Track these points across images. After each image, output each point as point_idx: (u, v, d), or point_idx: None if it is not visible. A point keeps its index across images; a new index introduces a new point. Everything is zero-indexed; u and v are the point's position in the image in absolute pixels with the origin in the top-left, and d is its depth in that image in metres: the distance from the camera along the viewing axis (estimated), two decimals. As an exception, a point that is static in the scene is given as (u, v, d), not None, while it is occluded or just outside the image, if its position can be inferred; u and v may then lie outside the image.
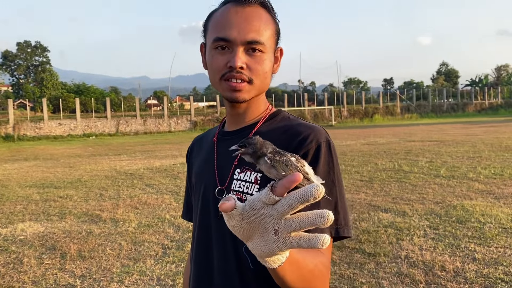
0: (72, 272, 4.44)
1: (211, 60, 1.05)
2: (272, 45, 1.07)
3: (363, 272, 4.09)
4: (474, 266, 4.10)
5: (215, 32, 1.03)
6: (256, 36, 1.01)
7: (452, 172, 9.50)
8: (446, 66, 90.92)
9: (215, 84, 1.07)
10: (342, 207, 0.97)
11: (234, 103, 1.08)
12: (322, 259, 0.88)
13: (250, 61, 1.02)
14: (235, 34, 1.00)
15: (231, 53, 1.01)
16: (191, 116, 39.85)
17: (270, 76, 1.09)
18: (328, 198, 0.76)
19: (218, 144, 1.14)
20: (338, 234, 0.94)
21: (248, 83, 1.03)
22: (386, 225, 5.58)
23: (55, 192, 9.13)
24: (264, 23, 1.03)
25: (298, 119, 1.11)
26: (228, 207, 0.66)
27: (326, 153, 0.99)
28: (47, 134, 34.11)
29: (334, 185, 0.97)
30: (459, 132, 22.97)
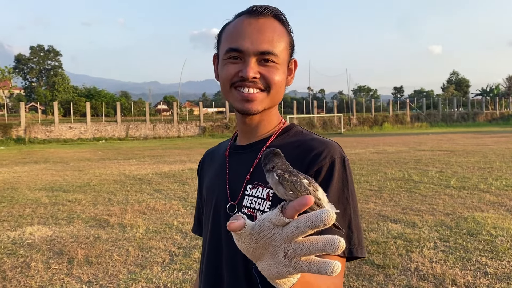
0: (79, 278, 4.43)
1: (223, 70, 1.03)
2: (286, 57, 1.05)
3: (371, 284, 4.03)
4: (486, 281, 4.02)
5: (228, 43, 1.01)
6: (269, 47, 0.99)
7: (463, 183, 9.39)
8: (456, 75, 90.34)
9: (226, 94, 1.05)
10: (356, 226, 0.94)
11: (246, 115, 1.05)
12: (335, 280, 0.85)
13: (263, 70, 1.00)
14: (248, 44, 0.98)
15: (243, 64, 0.99)
16: (200, 121, 39.98)
17: (284, 88, 1.06)
18: (341, 229, 0.73)
19: (229, 158, 1.12)
20: (351, 255, 0.92)
21: (262, 91, 1.01)
22: (396, 236, 5.51)
23: (64, 196, 9.17)
24: (278, 35, 1.02)
25: (311, 134, 1.09)
26: (236, 227, 0.64)
27: (340, 169, 0.97)
28: (58, 137, 34.42)
29: (348, 203, 0.95)
30: (470, 142, 22.75)
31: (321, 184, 0.94)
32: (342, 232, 0.90)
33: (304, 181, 0.68)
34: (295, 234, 0.60)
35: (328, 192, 0.94)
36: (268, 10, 1.02)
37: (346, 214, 0.94)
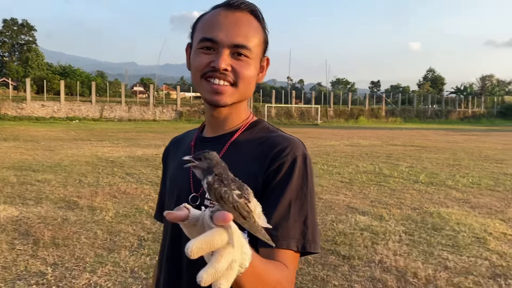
0: (44, 259, 4.37)
1: (195, 59, 1.03)
2: (259, 53, 1.05)
3: (336, 274, 4.12)
4: (446, 275, 4.16)
5: (203, 32, 1.01)
6: (243, 41, 0.99)
7: (431, 179, 9.64)
8: (432, 73, 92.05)
9: (196, 84, 1.05)
10: (312, 223, 0.96)
11: (215, 107, 1.06)
12: (286, 273, 0.88)
13: (236, 64, 1.00)
14: (223, 36, 0.98)
15: (216, 54, 0.99)
16: (177, 105, 39.60)
17: (254, 83, 1.07)
18: (270, 243, 0.74)
19: (195, 149, 1.12)
20: (304, 249, 0.94)
21: (232, 85, 1.01)
22: (363, 228, 5.63)
23: (33, 176, 8.98)
24: (253, 30, 1.02)
25: (277, 130, 1.10)
26: (173, 218, 0.66)
27: (302, 167, 0.99)
28: (29, 115, 33.55)
29: (306, 200, 0.97)
30: (441, 138, 23.29)
31: (281, 179, 0.96)
32: (301, 215, 0.93)
33: (235, 193, 0.68)
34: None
35: (287, 188, 0.96)
36: (245, 4, 1.02)
37: (303, 210, 0.96)
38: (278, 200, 0.94)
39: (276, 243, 0.90)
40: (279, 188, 0.96)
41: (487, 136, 25.69)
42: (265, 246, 0.91)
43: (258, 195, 0.96)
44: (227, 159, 1.03)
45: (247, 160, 1.02)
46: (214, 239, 0.61)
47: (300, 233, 0.94)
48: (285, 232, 0.92)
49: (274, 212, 0.93)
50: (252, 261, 0.70)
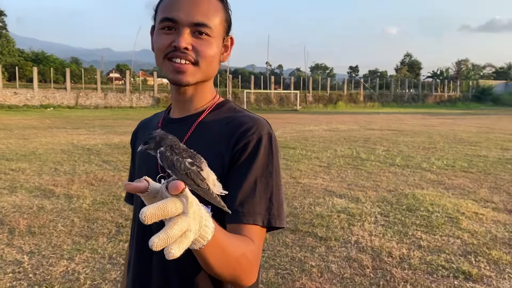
0: (20, 248, 4.32)
1: (157, 40, 1.03)
2: (221, 32, 1.05)
3: (313, 255, 4.19)
4: (419, 253, 4.28)
5: (163, 12, 1.02)
6: (203, 19, 1.00)
7: (407, 162, 9.83)
8: (410, 57, 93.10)
9: (159, 65, 1.05)
10: (277, 199, 0.99)
11: (180, 87, 1.06)
12: (252, 247, 0.90)
13: (197, 43, 1.01)
14: (182, 15, 0.99)
15: (177, 34, 1.00)
16: (154, 92, 39.14)
17: (218, 62, 1.08)
18: (227, 210, 0.76)
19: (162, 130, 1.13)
20: (270, 224, 0.96)
21: (193, 64, 1.02)
22: (340, 210, 5.73)
23: (6, 164, 8.80)
24: (213, 9, 1.03)
25: (243, 110, 1.12)
26: (131, 188, 0.69)
27: (267, 145, 1.00)
28: (1, 103, 32.66)
29: (271, 177, 0.99)
30: (418, 122, 23.69)
31: (247, 157, 0.98)
32: (266, 191, 0.97)
33: (187, 160, 0.70)
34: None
35: (253, 166, 0.97)
36: None
37: (269, 187, 0.98)
38: (244, 178, 0.96)
39: (243, 219, 0.92)
40: (245, 166, 0.98)
41: (462, 120, 26.24)
42: (232, 222, 0.93)
43: (225, 174, 0.98)
44: (194, 139, 1.05)
45: (214, 140, 1.03)
46: (168, 206, 0.63)
47: (266, 209, 0.96)
48: (251, 208, 0.94)
49: (240, 189, 0.95)
50: (215, 234, 0.72)
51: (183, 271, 1.00)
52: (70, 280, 3.64)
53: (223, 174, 0.98)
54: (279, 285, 3.59)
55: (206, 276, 0.98)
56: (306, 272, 3.82)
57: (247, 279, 0.89)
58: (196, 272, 0.98)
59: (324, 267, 3.92)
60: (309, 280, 3.67)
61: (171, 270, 1.01)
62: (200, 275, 0.98)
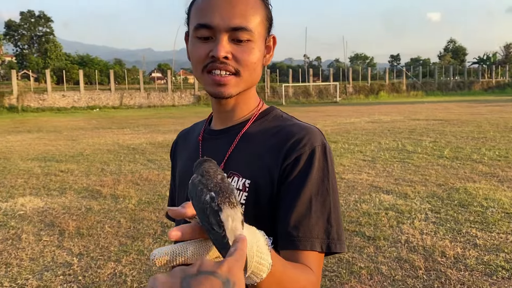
0: (70, 250, 4.43)
1: (193, 50, 0.94)
2: (262, 33, 0.94)
3: (362, 256, 4.05)
4: (475, 253, 4.05)
5: (197, 18, 0.91)
6: (242, 22, 0.89)
7: (456, 153, 9.40)
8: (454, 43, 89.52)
9: (198, 78, 0.96)
10: (336, 220, 0.88)
11: (220, 99, 0.97)
12: (311, 277, 0.81)
13: (237, 50, 0.90)
14: (218, 20, 0.88)
15: (214, 42, 0.90)
16: (195, 90, 39.64)
17: (261, 67, 0.97)
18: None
19: (203, 143, 1.05)
20: (329, 250, 0.86)
21: (234, 75, 0.92)
22: (387, 208, 5.52)
23: (56, 166, 9.12)
24: (252, 7, 0.91)
25: (292, 118, 1.01)
26: (175, 215, 0.64)
27: (321, 158, 0.90)
28: (51, 106, 34.10)
29: (328, 194, 0.89)
30: (464, 111, 22.73)
31: (299, 173, 0.88)
32: (324, 211, 0.88)
33: (210, 194, 0.60)
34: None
35: (306, 182, 0.87)
36: None
37: (326, 206, 0.88)
38: (298, 197, 0.86)
39: (299, 245, 0.83)
40: (297, 183, 0.88)
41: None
42: (286, 248, 0.84)
43: (275, 192, 0.89)
44: (238, 152, 0.96)
45: (260, 153, 0.94)
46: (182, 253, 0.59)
47: (324, 232, 0.86)
48: (307, 231, 0.85)
49: (294, 210, 0.86)
50: (272, 270, 0.64)
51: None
52: (118, 282, 3.68)
53: (272, 190, 0.89)
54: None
55: None
56: (354, 274, 3.69)
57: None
58: None
59: (374, 269, 3.77)
60: (358, 282, 3.54)
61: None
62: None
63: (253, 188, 0.90)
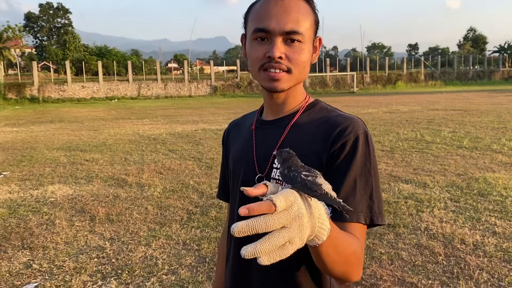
0: (102, 235, 4.65)
1: (251, 51, 1.08)
2: (311, 35, 1.09)
3: (382, 242, 4.18)
4: (494, 240, 4.14)
5: (255, 23, 1.06)
6: (294, 27, 1.03)
7: (475, 143, 9.40)
8: (473, 32, 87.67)
9: (254, 75, 1.11)
10: (377, 197, 1.02)
11: (273, 93, 1.12)
12: (359, 244, 0.95)
13: (289, 51, 1.04)
14: (274, 24, 1.02)
15: (270, 44, 1.04)
16: (212, 80, 39.81)
17: (309, 65, 1.12)
18: (346, 210, 0.78)
19: (256, 132, 1.19)
20: (372, 222, 1.00)
21: (287, 72, 1.06)
22: (407, 197, 5.62)
23: (81, 155, 9.40)
24: (303, 14, 1.05)
25: (336, 109, 1.15)
26: (253, 193, 0.72)
27: (364, 144, 1.04)
28: (71, 97, 34.70)
29: (370, 175, 1.03)
30: (484, 101, 22.46)
31: (345, 157, 1.03)
32: (366, 189, 1.02)
33: (303, 173, 0.76)
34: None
35: (351, 165, 1.01)
36: None
37: (368, 186, 1.02)
38: (344, 178, 1.00)
39: (346, 218, 0.97)
40: (344, 166, 1.02)
41: (534, 96, 24.55)
42: (336, 220, 0.98)
43: (324, 173, 1.03)
44: (290, 140, 1.10)
45: (310, 140, 1.08)
46: (258, 223, 0.67)
47: (367, 207, 1.00)
48: (353, 206, 0.98)
49: (341, 189, 1.00)
50: (331, 235, 0.77)
51: (285, 272, 1.06)
52: (149, 265, 3.88)
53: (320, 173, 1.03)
54: (349, 271, 3.62)
55: (307, 276, 1.04)
56: (375, 259, 3.83)
57: (355, 275, 0.94)
58: (298, 273, 1.05)
59: (394, 254, 3.90)
60: (379, 267, 3.67)
61: (272, 272, 1.07)
62: (302, 276, 1.05)
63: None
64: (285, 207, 0.69)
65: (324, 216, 0.76)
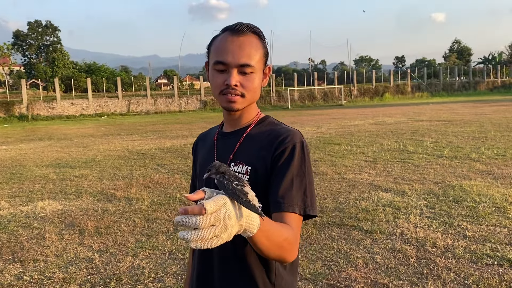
0: (91, 247, 4.81)
1: (213, 78, 1.34)
2: (261, 66, 1.35)
3: (359, 247, 4.40)
4: (464, 243, 4.38)
5: (216, 56, 1.31)
6: (247, 60, 1.28)
7: (456, 153, 9.71)
8: (458, 44, 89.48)
9: (215, 97, 1.37)
10: (310, 193, 1.27)
11: (230, 111, 1.37)
12: (291, 232, 1.17)
13: (243, 79, 1.30)
14: (231, 59, 1.28)
15: (227, 74, 1.29)
16: (201, 95, 40.10)
17: (260, 89, 1.38)
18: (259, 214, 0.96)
19: (217, 142, 1.45)
20: (305, 213, 1.24)
21: (241, 96, 1.32)
22: (385, 204, 5.86)
23: (70, 172, 9.54)
24: (255, 49, 1.31)
25: (281, 124, 1.42)
26: (190, 197, 0.93)
27: (300, 151, 1.29)
28: (60, 114, 34.71)
29: (305, 176, 1.27)
30: (469, 111, 22.97)
31: (284, 161, 1.27)
32: (300, 187, 1.25)
33: (234, 182, 0.95)
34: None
35: (289, 167, 1.26)
36: (248, 28, 1.31)
37: (302, 184, 1.26)
38: (283, 177, 1.25)
39: (284, 208, 1.21)
40: (283, 168, 1.26)
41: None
42: (275, 211, 1.21)
43: (268, 173, 1.27)
44: (243, 148, 1.35)
45: (259, 147, 1.33)
46: (189, 220, 0.86)
47: (301, 201, 1.24)
48: (289, 200, 1.22)
49: (281, 186, 1.24)
50: (261, 228, 0.99)
51: (239, 256, 1.30)
52: (136, 274, 4.05)
53: (266, 173, 1.27)
54: (326, 275, 3.83)
55: (256, 258, 1.28)
56: (351, 263, 4.04)
57: (289, 257, 1.17)
58: (249, 256, 1.29)
59: (369, 258, 4.12)
60: (354, 270, 3.88)
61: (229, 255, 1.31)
62: (252, 258, 1.28)
63: (253, 172, 1.30)
64: (215, 210, 0.87)
65: (253, 215, 0.97)
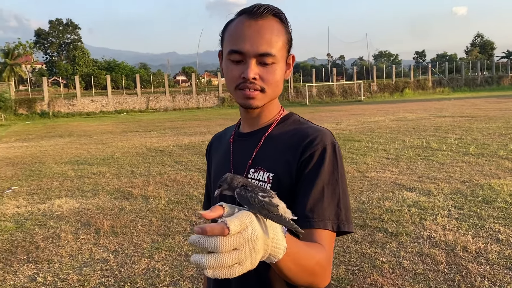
0: (106, 247, 4.70)
1: (227, 71, 1.12)
2: (284, 54, 1.12)
3: (384, 251, 4.17)
4: (497, 247, 4.11)
5: (230, 44, 1.09)
6: (267, 49, 1.06)
7: (482, 150, 9.34)
8: (481, 38, 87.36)
9: (231, 92, 1.15)
10: (344, 205, 1.05)
11: (248, 109, 1.16)
12: (324, 253, 0.97)
13: (263, 71, 1.08)
14: (248, 47, 1.06)
15: (244, 65, 1.08)
16: (219, 92, 40.06)
17: (282, 82, 1.15)
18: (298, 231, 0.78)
19: (234, 144, 1.24)
20: (339, 229, 1.03)
21: (260, 91, 1.10)
22: (410, 205, 5.61)
23: (88, 169, 9.50)
24: (276, 34, 1.08)
25: (307, 122, 1.19)
26: (207, 216, 0.72)
27: (331, 154, 1.07)
28: (80, 111, 35.11)
29: (338, 184, 1.06)
30: (492, 106, 22.31)
31: (313, 166, 1.06)
32: (334, 197, 1.04)
33: (260, 195, 0.76)
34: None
35: (319, 174, 1.05)
36: (268, 10, 1.08)
37: (336, 194, 1.05)
38: (312, 186, 1.04)
39: (313, 224, 1.00)
40: (312, 175, 1.05)
41: (543, 101, 24.34)
42: (303, 227, 1.00)
43: (293, 181, 1.07)
44: (264, 151, 1.15)
45: (282, 151, 1.12)
46: (205, 242, 0.66)
47: (334, 214, 1.03)
48: (320, 214, 1.01)
49: (310, 196, 1.03)
50: (288, 252, 0.79)
51: (262, 278, 1.09)
52: (151, 277, 3.91)
53: (291, 181, 1.07)
54: (350, 281, 3.62)
55: (283, 285, 1.07)
56: (377, 268, 3.82)
57: (322, 283, 0.96)
58: (275, 284, 1.08)
59: (396, 263, 3.89)
60: (380, 276, 3.66)
61: (251, 278, 1.10)
62: (278, 286, 1.08)
63: (276, 180, 1.08)
64: (239, 230, 0.68)
65: (279, 236, 0.77)
